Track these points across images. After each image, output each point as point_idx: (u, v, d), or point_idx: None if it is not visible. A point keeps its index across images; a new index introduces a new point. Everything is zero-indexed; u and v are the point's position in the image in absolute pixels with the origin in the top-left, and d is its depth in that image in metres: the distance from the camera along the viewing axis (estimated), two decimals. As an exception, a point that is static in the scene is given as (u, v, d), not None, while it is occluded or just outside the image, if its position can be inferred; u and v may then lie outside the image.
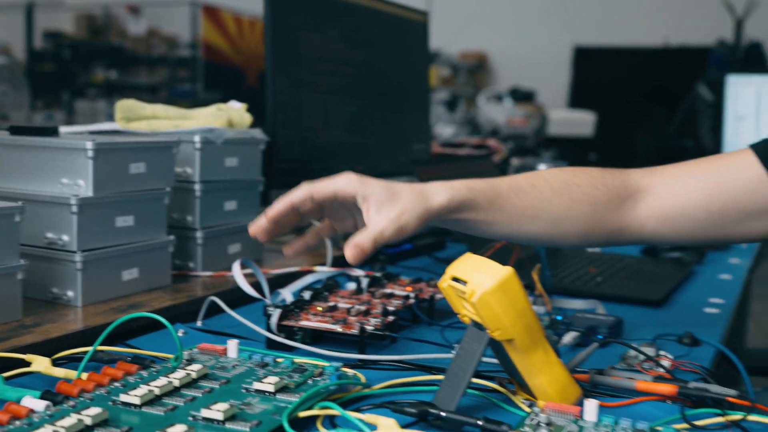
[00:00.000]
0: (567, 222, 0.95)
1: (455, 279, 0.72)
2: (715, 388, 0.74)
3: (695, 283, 1.34)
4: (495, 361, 0.77)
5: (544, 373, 0.72)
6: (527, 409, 0.72)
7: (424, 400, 0.71)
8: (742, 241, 1.01)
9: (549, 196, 0.94)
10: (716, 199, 0.94)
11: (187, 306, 1.02)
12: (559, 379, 0.72)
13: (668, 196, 0.96)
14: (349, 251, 0.81)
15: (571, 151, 5.96)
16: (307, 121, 1.36)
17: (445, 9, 8.32)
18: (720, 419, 0.70)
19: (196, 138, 1.13)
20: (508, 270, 0.69)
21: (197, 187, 1.14)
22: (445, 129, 5.43)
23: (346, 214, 0.90)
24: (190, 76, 8.56)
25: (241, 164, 1.21)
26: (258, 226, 0.87)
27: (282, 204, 0.86)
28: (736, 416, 0.70)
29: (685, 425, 0.69)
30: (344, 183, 0.85)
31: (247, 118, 1.23)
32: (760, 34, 6.98)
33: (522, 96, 7.38)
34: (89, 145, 0.96)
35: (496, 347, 0.73)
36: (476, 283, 0.69)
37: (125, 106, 1.18)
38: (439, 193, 0.87)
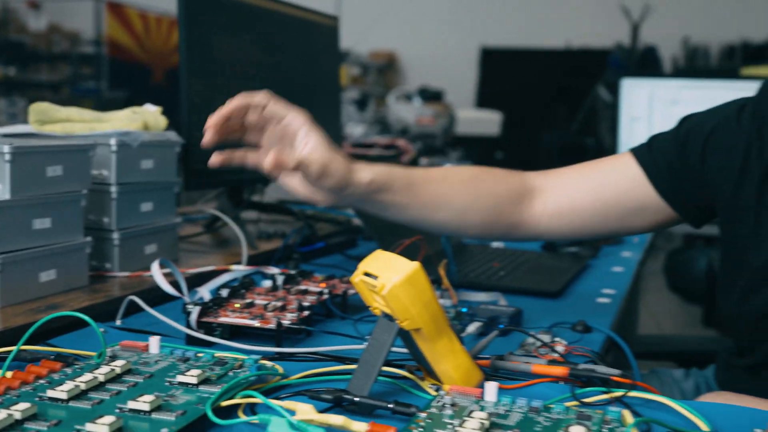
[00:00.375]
0: (471, 213, 1.04)
1: (367, 274, 0.78)
2: (602, 369, 0.82)
3: (590, 276, 1.43)
4: (404, 350, 0.83)
5: (449, 360, 0.78)
6: (434, 393, 0.79)
7: (339, 387, 0.76)
8: (625, 235, 1.12)
9: (458, 188, 1.04)
10: (601, 197, 1.05)
11: (105, 306, 1.05)
12: (463, 364, 0.79)
13: (559, 194, 1.07)
14: (272, 156, 0.87)
15: (478, 150, 6.12)
16: (222, 123, 1.39)
17: (354, 9, 8.37)
18: (605, 396, 0.78)
19: (112, 141, 1.15)
20: (415, 265, 0.75)
21: (113, 189, 1.16)
22: (355, 128, 5.49)
23: (271, 145, 0.96)
24: (94, 74, 8.35)
25: (157, 166, 1.23)
26: (213, 121, 0.93)
27: (239, 100, 0.93)
28: (619, 393, 0.78)
29: (575, 402, 0.77)
30: (298, 113, 0.94)
31: (162, 121, 1.25)
32: (655, 38, 7.32)
33: (431, 95, 7.51)
34: (6, 148, 0.97)
35: (405, 336, 0.79)
36: (386, 277, 0.75)
37: (39, 108, 1.19)
38: (365, 170, 0.96)
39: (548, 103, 7.38)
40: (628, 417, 0.68)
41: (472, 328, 1.01)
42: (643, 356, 1.56)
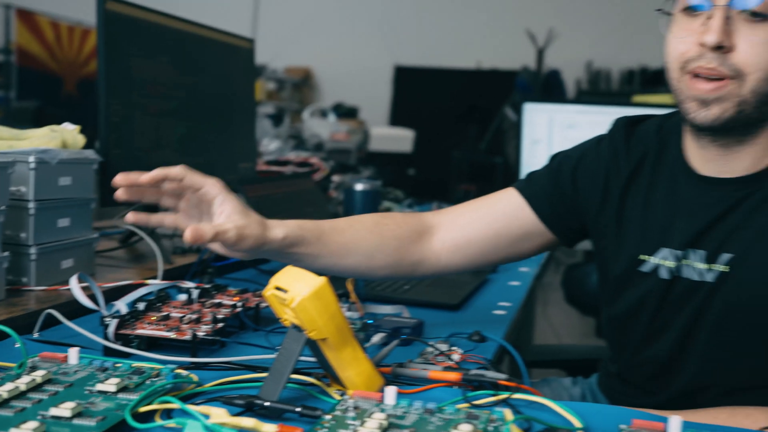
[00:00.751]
0: (378, 255, 1.14)
1: (277, 288, 0.84)
2: (491, 374, 0.90)
3: (489, 289, 1.53)
4: (312, 359, 0.90)
5: (353, 367, 0.86)
6: (339, 398, 0.86)
7: (251, 393, 0.82)
8: (516, 260, 1.25)
9: (363, 234, 1.14)
10: (492, 227, 1.18)
11: (22, 319, 1.08)
12: (365, 371, 0.86)
13: (455, 229, 1.19)
14: (190, 231, 0.93)
15: (392, 167, 6.24)
16: (139, 141, 1.44)
17: (271, 24, 8.41)
18: (493, 398, 0.87)
19: (31, 158, 1.18)
20: (322, 280, 0.82)
21: (31, 205, 1.19)
22: (270, 143, 5.53)
23: (196, 213, 1.03)
24: (3, 83, 8.11)
25: (75, 183, 1.27)
26: (126, 179, 0.98)
27: (157, 172, 0.98)
28: (505, 395, 0.87)
29: (466, 404, 0.85)
30: (213, 182, 1.00)
31: (81, 140, 1.29)
32: (560, 61, 7.63)
33: (345, 112, 7.63)
34: (-73, 166, 0.99)
35: (313, 345, 0.86)
36: (295, 291, 0.82)
37: (-44, 126, 1.21)
38: (278, 227, 1.04)
39: (459, 122, 7.57)
40: (509, 415, 0.76)
41: (377, 338, 1.09)
42: (537, 365, 1.67)
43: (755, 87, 0.96)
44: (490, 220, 1.18)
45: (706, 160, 1.06)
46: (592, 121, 2.74)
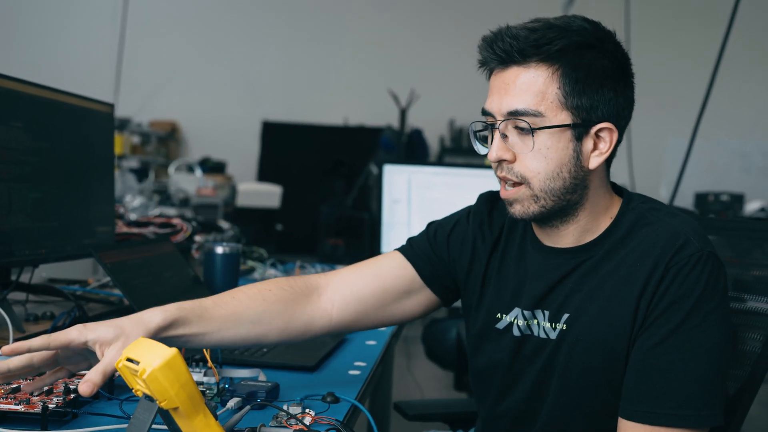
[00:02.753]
0: (265, 321, 1.21)
1: (129, 360, 0.87)
2: (338, 435, 0.95)
3: (346, 349, 1.59)
4: (165, 427, 0.92)
5: (205, 434, 0.88)
6: (191, 465, 0.88)
7: (101, 465, 0.84)
8: (404, 321, 1.35)
9: (247, 302, 1.20)
10: (380, 284, 1.29)
11: None
12: (217, 437, 0.89)
13: (343, 287, 1.28)
14: (82, 386, 0.96)
15: (259, 222, 6.24)
16: (-10, 208, 1.41)
17: (135, 76, 8.31)
18: (340, 458, 0.91)
19: None
20: (173, 351, 0.85)
21: None
22: (134, 199, 5.42)
23: (80, 359, 1.07)
24: None
25: None
26: None
27: (20, 359, 1.00)
28: (351, 455, 0.92)
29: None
30: (76, 333, 1.02)
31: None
32: (425, 119, 7.91)
33: (213, 167, 7.56)
34: None
35: (165, 415, 0.88)
36: (146, 362, 0.84)
37: None
38: (155, 316, 1.09)
39: (326, 177, 7.67)
40: (350, 474, 0.81)
41: (232, 403, 1.12)
42: (419, 419, 1.74)
43: (542, 186, 1.15)
44: (376, 276, 1.30)
45: (544, 234, 1.23)
46: (447, 183, 2.88)
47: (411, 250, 1.34)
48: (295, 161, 8.37)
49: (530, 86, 1.12)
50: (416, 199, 2.86)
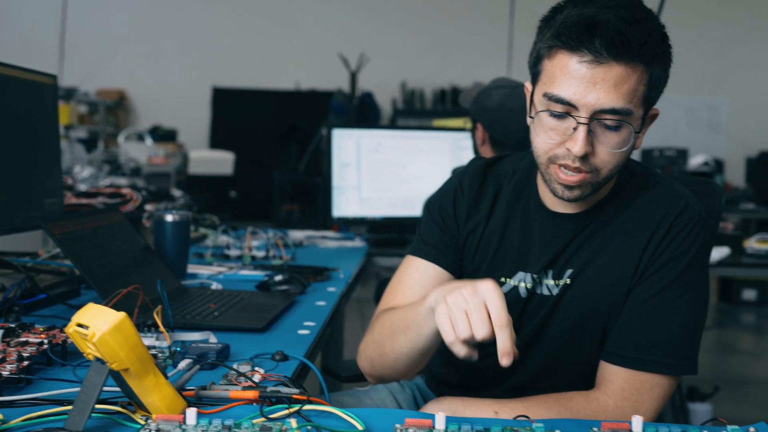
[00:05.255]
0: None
1: (79, 325, 0.90)
2: (285, 390, 1.00)
3: (296, 311, 1.63)
4: (117, 388, 0.96)
5: (155, 392, 0.93)
6: (143, 423, 0.93)
7: (57, 426, 0.87)
8: None
9: None
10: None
11: None
12: (167, 396, 0.94)
13: None
14: None
15: (214, 190, 6.22)
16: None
17: (80, 44, 8.16)
18: (288, 411, 0.96)
19: None
20: (121, 315, 0.89)
21: None
22: (83, 170, 5.36)
23: None
24: None
25: None
26: None
27: None
28: (297, 407, 0.97)
29: (262, 419, 0.94)
30: None
31: None
32: (377, 81, 7.92)
33: (163, 135, 7.50)
34: None
35: (116, 376, 0.92)
36: (96, 326, 0.88)
37: None
38: None
39: (280, 143, 7.66)
40: (294, 423, 0.86)
41: (183, 364, 1.15)
42: (353, 379, 1.79)
43: (607, 175, 1.17)
44: (422, 293, 1.28)
45: (555, 202, 1.27)
46: (398, 146, 2.93)
47: (436, 252, 1.34)
48: (247, 127, 8.34)
49: (626, 85, 1.09)
50: (365, 162, 2.91)
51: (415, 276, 1.33)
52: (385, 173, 2.94)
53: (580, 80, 1.10)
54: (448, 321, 0.97)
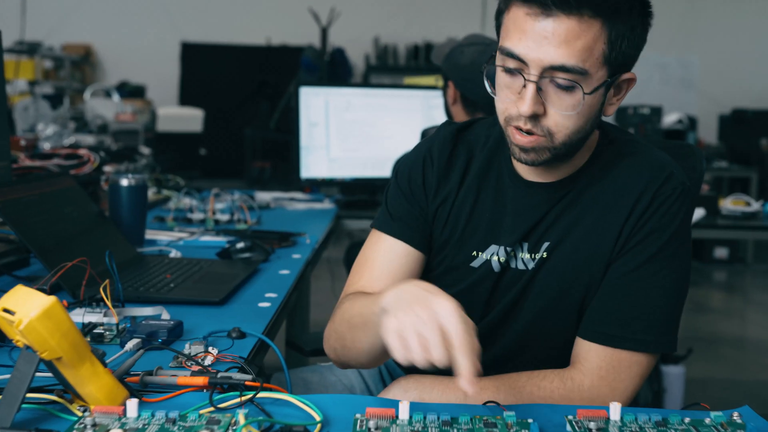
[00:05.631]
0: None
1: (5, 310, 0.81)
2: (237, 376, 0.93)
3: (258, 280, 1.55)
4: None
5: (93, 382, 0.85)
6: (81, 414, 0.85)
7: (-17, 420, 0.79)
8: None
9: None
10: (394, 279, 1.22)
11: None
12: (106, 385, 0.86)
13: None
14: None
15: (183, 148, 6.08)
16: None
17: (43, -1, 7.90)
18: (239, 399, 0.89)
19: None
20: (51, 299, 0.81)
21: None
22: (47, 127, 5.20)
23: None
24: None
25: None
26: None
27: None
28: (250, 394, 0.89)
29: (210, 408, 0.87)
30: None
31: None
32: (349, 37, 7.76)
33: (131, 91, 7.32)
34: None
35: (49, 365, 0.84)
36: (23, 312, 0.79)
37: None
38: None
39: (250, 99, 7.51)
40: (242, 418, 0.79)
41: (131, 344, 1.08)
42: (317, 353, 1.71)
43: (564, 140, 1.08)
44: (391, 275, 1.21)
45: (530, 170, 1.18)
46: (368, 104, 2.83)
47: (404, 228, 1.23)
48: (217, 83, 8.17)
49: (580, 41, 1.01)
50: (334, 121, 2.81)
51: (382, 255, 1.24)
52: (355, 133, 2.85)
53: (530, 34, 1.03)
54: (397, 340, 0.87)
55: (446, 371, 1.23)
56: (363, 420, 0.84)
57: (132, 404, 0.83)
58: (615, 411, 0.86)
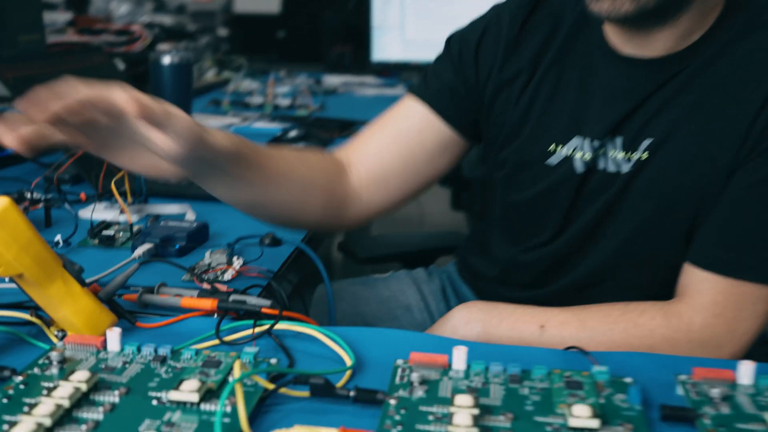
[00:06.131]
0: (311, 188, 0.94)
1: (-49, 213, 0.64)
2: (252, 300, 0.74)
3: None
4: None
5: (67, 305, 0.67)
6: (57, 341, 0.68)
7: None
8: (439, 179, 1.07)
9: (294, 162, 0.93)
10: (404, 148, 1.01)
11: None
12: (85, 309, 0.68)
13: (367, 160, 1.01)
14: (132, 102, 0.68)
15: (260, 29, 5.88)
16: None
17: None
18: (252, 331, 0.70)
19: None
20: (4, 201, 0.62)
21: None
22: (120, 6, 5.04)
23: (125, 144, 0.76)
24: None
25: None
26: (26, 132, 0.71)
27: (70, 103, 0.71)
28: (266, 325, 0.71)
29: (212, 342, 0.69)
30: (121, 91, 0.70)
31: None
32: None
33: (208, -30, 7.08)
34: None
35: (16, 282, 0.67)
36: (-32, 218, 0.62)
37: None
38: (220, 135, 0.77)
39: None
40: (238, 369, 0.59)
41: (140, 251, 0.90)
42: (372, 261, 1.52)
43: None
44: (402, 142, 1.01)
45: (625, 39, 0.91)
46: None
47: (427, 88, 1.02)
48: (297, -38, 7.82)
49: None
50: (410, -2, 2.53)
51: (400, 118, 1.03)
52: (435, 11, 2.56)
53: None
54: None
55: (515, 287, 1.02)
56: (405, 369, 0.64)
57: (113, 335, 0.66)
58: (746, 372, 0.63)
